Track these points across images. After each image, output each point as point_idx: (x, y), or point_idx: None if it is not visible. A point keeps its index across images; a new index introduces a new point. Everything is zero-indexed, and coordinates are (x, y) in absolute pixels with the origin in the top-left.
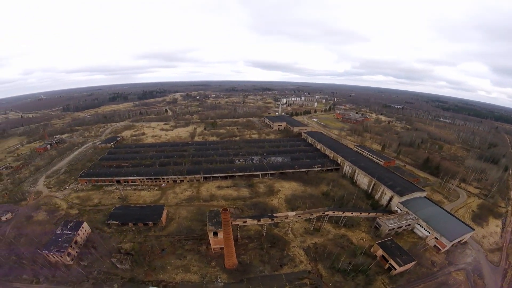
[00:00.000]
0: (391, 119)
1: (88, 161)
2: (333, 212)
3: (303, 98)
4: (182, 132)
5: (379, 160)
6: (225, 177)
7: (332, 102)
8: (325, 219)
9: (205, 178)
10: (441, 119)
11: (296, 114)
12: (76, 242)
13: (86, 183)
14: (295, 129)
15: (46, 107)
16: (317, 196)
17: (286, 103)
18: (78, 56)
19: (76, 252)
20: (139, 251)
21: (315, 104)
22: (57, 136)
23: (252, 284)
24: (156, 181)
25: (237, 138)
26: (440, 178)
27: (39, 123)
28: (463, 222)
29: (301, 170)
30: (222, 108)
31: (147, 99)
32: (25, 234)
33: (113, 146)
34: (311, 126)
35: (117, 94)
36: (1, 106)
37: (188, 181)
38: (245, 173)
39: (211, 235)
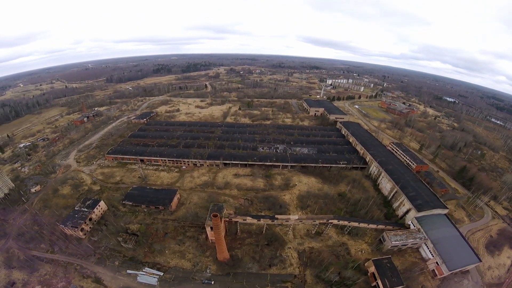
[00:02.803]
0: (439, 114)
1: (120, 136)
2: (338, 221)
3: (350, 81)
4: (216, 111)
5: (411, 162)
6: (245, 165)
7: (381, 87)
8: (328, 226)
9: (225, 164)
10: (493, 120)
11: (338, 99)
12: (90, 219)
13: (112, 159)
14: (332, 117)
15: (91, 77)
16: (332, 197)
17: (331, 85)
18: (127, 26)
19: (90, 228)
20: (144, 233)
21: (362, 89)
22: (95, 109)
23: (236, 279)
24: (177, 163)
25: (269, 122)
26: (471, 192)
27: (82, 93)
28: (473, 251)
29: (324, 165)
30: (263, 86)
31: (191, 72)
32: (49, 206)
33: (145, 122)
34: (350, 115)
35: (161, 66)
36: (48, 75)
37: (208, 166)
38: (265, 163)
39: (208, 229)
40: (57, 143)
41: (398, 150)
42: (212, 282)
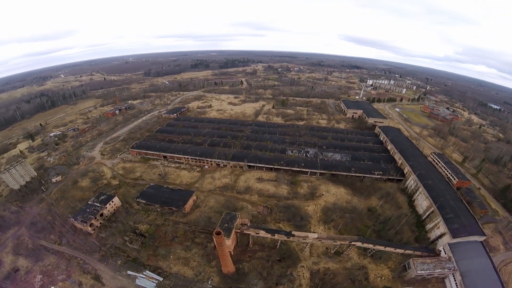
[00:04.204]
0: (483, 122)
1: (148, 131)
2: (362, 244)
3: (392, 82)
4: (249, 109)
5: (452, 177)
6: (270, 169)
7: (424, 90)
8: (351, 246)
9: (249, 166)
10: None
11: (378, 101)
12: (101, 215)
13: (136, 154)
14: (370, 121)
15: (130, 71)
16: (360, 212)
17: (371, 85)
18: (169, 22)
19: (100, 223)
20: (152, 234)
21: (404, 91)
22: (128, 102)
23: None
24: (200, 162)
25: (303, 123)
26: None
27: (119, 86)
28: (502, 286)
29: (356, 174)
30: (300, 84)
31: (228, 68)
32: (66, 198)
33: (175, 118)
34: (390, 119)
35: (199, 61)
36: (89, 67)
37: (231, 167)
38: (292, 168)
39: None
40: (86, 134)
41: (439, 162)
42: None
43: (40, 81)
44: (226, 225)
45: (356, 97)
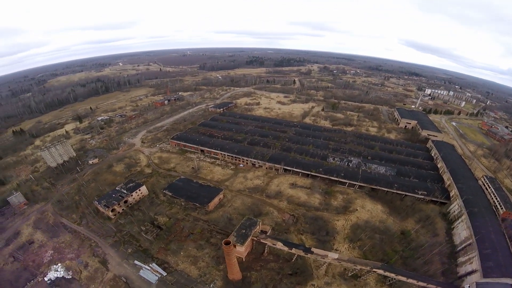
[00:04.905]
0: None
1: (191, 123)
2: (384, 272)
3: (451, 93)
4: (297, 109)
5: (500, 205)
6: (307, 175)
7: (483, 105)
8: (371, 272)
9: (285, 170)
10: None
11: (435, 112)
12: (126, 202)
13: (175, 145)
14: (424, 133)
15: (186, 63)
16: (392, 234)
17: (429, 95)
18: (229, 18)
19: (122, 209)
20: (169, 228)
21: (462, 104)
22: (178, 93)
23: None
24: (236, 159)
25: (351, 129)
26: None
27: (173, 77)
28: None
29: (398, 192)
30: (354, 88)
31: (283, 66)
32: (97, 180)
33: (221, 112)
34: (445, 133)
35: (255, 58)
36: (147, 58)
37: (266, 168)
38: (331, 177)
39: (235, 248)
40: (132, 121)
41: (489, 187)
42: None
43: (99, 68)
44: (244, 231)
45: (412, 106)
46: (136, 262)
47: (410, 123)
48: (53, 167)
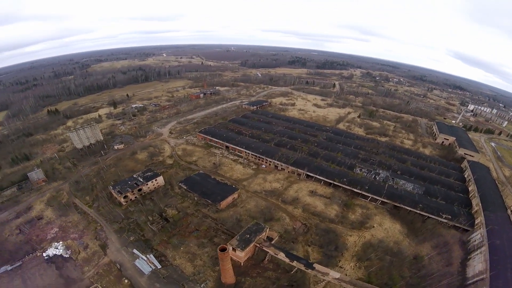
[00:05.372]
0: None
1: (222, 118)
2: None
3: (494, 111)
4: (332, 114)
5: None
6: (329, 184)
7: None
8: None
9: (308, 176)
10: None
11: (475, 130)
12: (139, 190)
13: (201, 139)
14: (460, 151)
15: (228, 59)
16: (404, 258)
17: (472, 111)
18: (276, 17)
19: (135, 197)
20: (176, 222)
21: (505, 124)
22: (215, 87)
23: None
24: (259, 159)
25: (385, 139)
26: None
27: (213, 72)
28: None
29: (421, 213)
30: (395, 97)
31: (325, 69)
32: (118, 166)
33: (254, 110)
34: (482, 153)
35: (297, 59)
36: (191, 51)
37: (288, 172)
38: (354, 189)
39: (235, 252)
40: (164, 111)
41: None
42: None
43: (143, 57)
44: (248, 236)
45: (453, 121)
46: (134, 251)
47: (447, 139)
48: (78, 149)
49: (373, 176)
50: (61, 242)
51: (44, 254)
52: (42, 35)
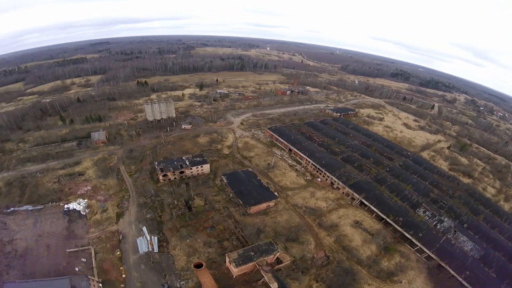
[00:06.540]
0: None
1: (299, 119)
2: None
3: None
4: (420, 138)
5: None
6: (381, 219)
7: None
8: None
9: (361, 203)
10: None
11: None
12: (181, 172)
13: (268, 136)
14: None
15: (330, 61)
16: None
17: None
18: (388, 26)
19: (174, 178)
20: (197, 213)
21: None
22: (306, 87)
23: None
24: (317, 171)
25: (467, 181)
26: None
27: (310, 72)
28: None
29: (464, 283)
30: (495, 133)
31: (428, 87)
32: (176, 144)
33: (336, 117)
34: None
35: (401, 72)
36: (295, 49)
37: (343, 193)
38: (404, 231)
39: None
40: (245, 102)
41: None
42: None
43: (246, 47)
44: (252, 253)
45: None
46: (144, 228)
47: None
48: (149, 121)
49: (434, 223)
50: (86, 200)
51: (66, 206)
52: (157, 15)
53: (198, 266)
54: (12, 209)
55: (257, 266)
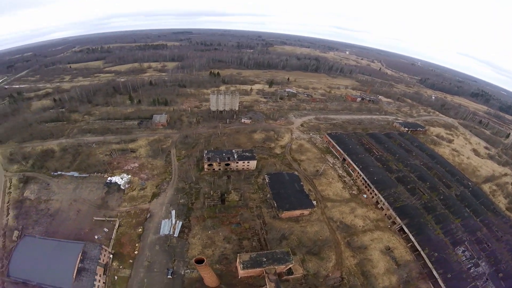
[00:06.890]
0: None
1: (363, 129)
2: None
3: None
4: (486, 168)
5: None
6: (415, 249)
7: None
8: None
9: (400, 230)
10: None
11: None
12: (227, 164)
13: (326, 141)
14: None
15: (409, 72)
16: None
17: None
18: (473, 41)
19: (219, 169)
20: (229, 207)
21: None
22: (378, 96)
23: None
24: (366, 187)
25: None
26: None
27: (386, 80)
28: None
29: None
30: None
31: (508, 113)
32: (230, 136)
33: (403, 131)
34: None
35: (482, 92)
36: (374, 55)
37: (385, 215)
38: (435, 271)
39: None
40: (311, 104)
41: None
42: (169, 276)
43: (325, 49)
44: (264, 259)
45: None
46: (173, 212)
47: None
48: (212, 111)
49: (469, 265)
50: (129, 176)
51: (108, 179)
52: (240, 10)
53: (200, 262)
54: (59, 172)
55: (265, 272)
